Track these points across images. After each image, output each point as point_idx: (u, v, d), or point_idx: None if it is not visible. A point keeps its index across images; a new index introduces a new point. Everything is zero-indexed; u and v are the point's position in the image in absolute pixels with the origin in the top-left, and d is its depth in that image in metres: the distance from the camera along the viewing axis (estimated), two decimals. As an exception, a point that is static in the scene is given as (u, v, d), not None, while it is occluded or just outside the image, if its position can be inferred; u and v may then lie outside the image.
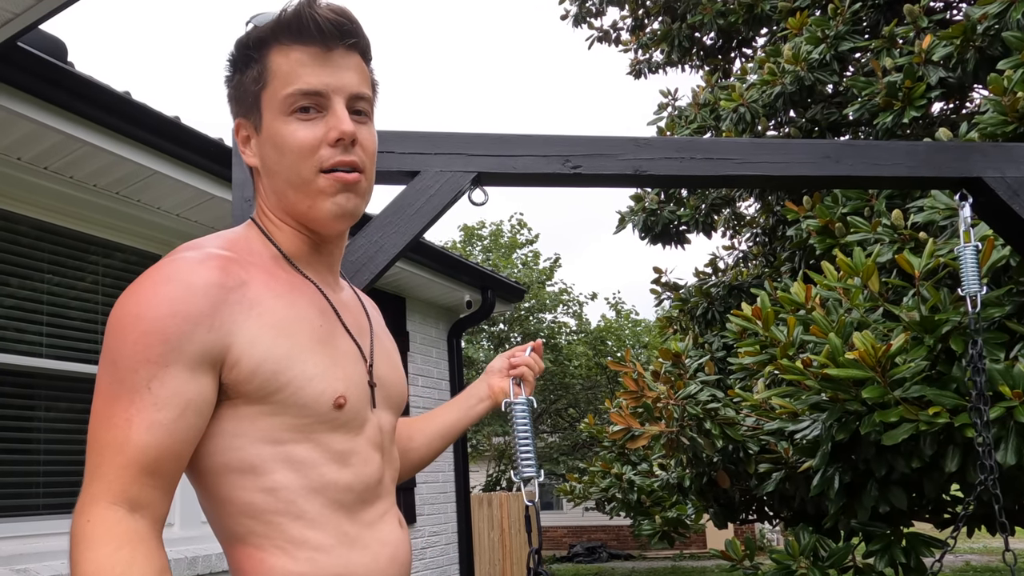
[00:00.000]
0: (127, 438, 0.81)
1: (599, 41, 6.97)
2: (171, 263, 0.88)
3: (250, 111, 0.97)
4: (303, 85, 0.93)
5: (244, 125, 0.99)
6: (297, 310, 0.93)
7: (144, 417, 0.81)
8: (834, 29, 4.17)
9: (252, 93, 0.96)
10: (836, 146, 1.88)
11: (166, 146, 3.19)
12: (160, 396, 0.82)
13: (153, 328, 0.82)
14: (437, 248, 5.56)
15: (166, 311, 0.83)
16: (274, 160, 0.96)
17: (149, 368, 0.82)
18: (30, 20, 2.26)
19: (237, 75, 0.98)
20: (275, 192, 0.98)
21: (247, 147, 1.00)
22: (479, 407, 1.32)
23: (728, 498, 3.94)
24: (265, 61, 0.95)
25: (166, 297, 0.84)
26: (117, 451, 0.80)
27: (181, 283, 0.85)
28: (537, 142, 1.70)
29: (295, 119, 0.93)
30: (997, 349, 2.57)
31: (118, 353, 0.83)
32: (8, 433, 3.06)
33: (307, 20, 0.93)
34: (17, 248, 3.17)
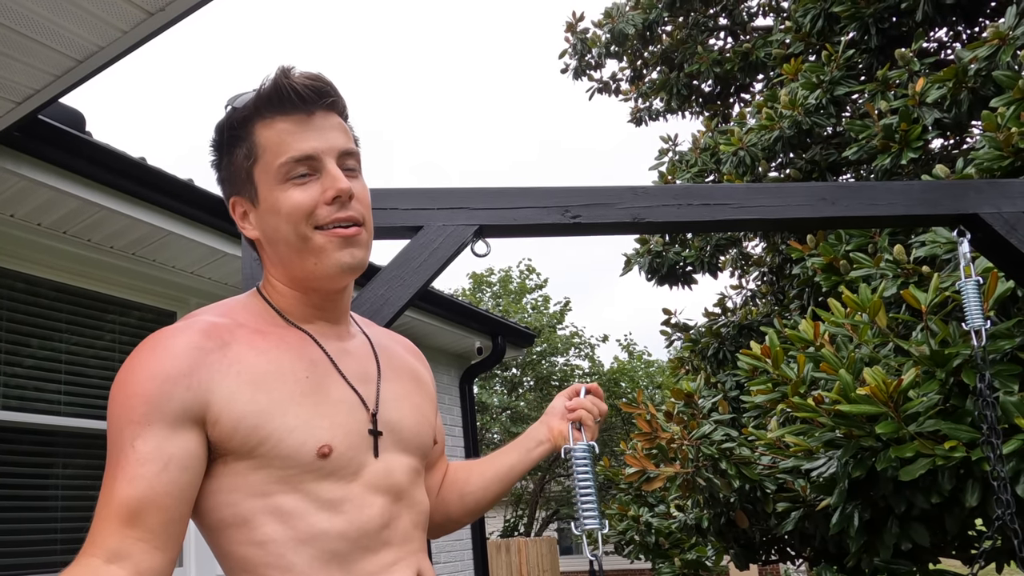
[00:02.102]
0: (112, 493, 0.85)
1: (599, 92, 7.13)
2: (159, 333, 0.95)
3: (244, 187, 1.01)
4: (294, 152, 0.96)
5: (240, 202, 1.03)
6: (279, 365, 0.96)
7: (126, 472, 0.86)
8: (829, 74, 4.27)
9: (244, 169, 0.99)
10: (831, 188, 1.92)
11: (180, 207, 3.28)
12: (141, 452, 0.86)
13: (135, 391, 0.88)
14: (446, 296, 5.62)
15: (146, 374, 0.89)
16: (273, 228, 0.99)
17: (132, 428, 0.87)
18: (50, 95, 2.36)
19: (225, 156, 1.02)
20: (280, 260, 1.01)
21: (246, 222, 1.03)
22: (538, 450, 1.24)
23: (748, 538, 3.89)
24: (252, 137, 0.98)
25: (148, 362, 0.90)
26: (103, 506, 0.86)
27: (161, 348, 0.91)
28: (536, 194, 1.76)
29: (291, 185, 0.96)
30: (1011, 381, 2.56)
31: (110, 420, 0.89)
32: (27, 491, 3.09)
33: (286, 90, 0.96)
34: (37, 309, 3.24)
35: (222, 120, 1.01)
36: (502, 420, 16.72)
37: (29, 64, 2.21)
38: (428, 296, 5.20)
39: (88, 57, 2.23)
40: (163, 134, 58.86)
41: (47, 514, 3.14)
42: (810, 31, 4.86)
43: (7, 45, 2.11)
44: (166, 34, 2.19)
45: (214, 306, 1.02)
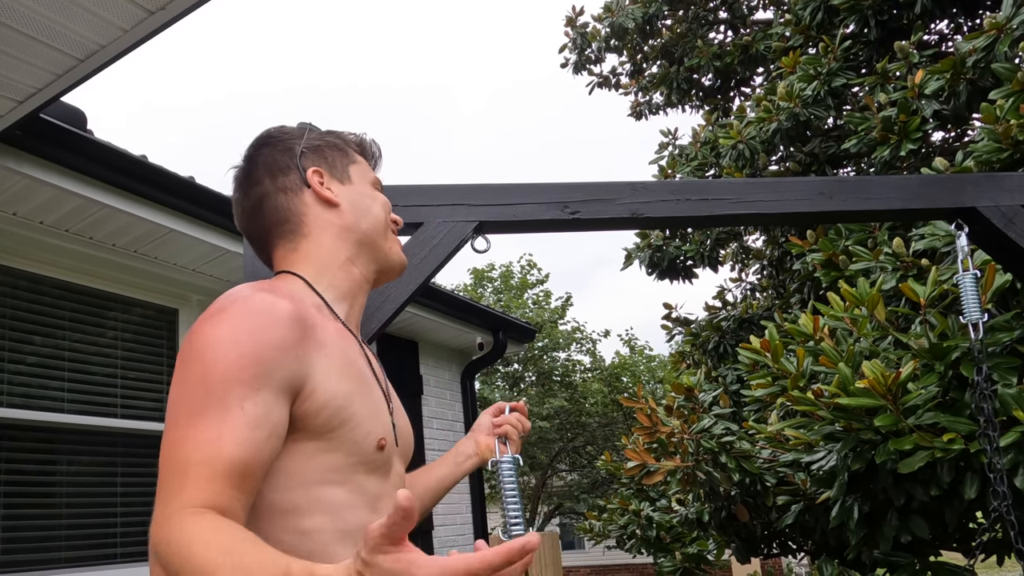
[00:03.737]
0: (217, 453, 0.82)
1: (599, 86, 7.12)
2: (252, 298, 0.93)
3: (332, 168, 1.15)
4: (377, 181, 1.23)
5: (321, 172, 1.14)
6: (349, 356, 1.01)
7: (236, 434, 0.83)
8: (826, 66, 4.27)
9: (341, 160, 1.17)
10: (829, 182, 1.93)
11: (181, 205, 3.30)
12: (252, 415, 0.85)
13: (248, 352, 0.87)
14: (447, 292, 5.63)
15: (260, 338, 0.88)
16: (366, 207, 1.15)
17: (242, 389, 0.85)
18: (52, 94, 2.37)
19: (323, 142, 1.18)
20: (354, 232, 1.13)
21: (322, 187, 1.13)
22: (467, 463, 1.32)
23: (749, 532, 3.90)
24: (350, 151, 1.20)
25: (260, 325, 0.89)
26: (205, 466, 0.81)
27: (270, 315, 0.91)
28: (536, 190, 1.77)
29: (375, 191, 1.19)
30: (1009, 373, 2.57)
31: (209, 373, 0.85)
32: (31, 488, 3.11)
33: (376, 150, 1.26)
34: (40, 307, 3.26)
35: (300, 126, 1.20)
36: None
37: (30, 63, 2.22)
38: (429, 292, 5.21)
39: (89, 56, 2.24)
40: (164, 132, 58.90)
41: (51, 511, 3.16)
42: (809, 24, 4.86)
43: (8, 44, 2.12)
44: (167, 32, 2.20)
45: (271, 284, 1.01)
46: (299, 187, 1.11)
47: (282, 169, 1.12)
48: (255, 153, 1.15)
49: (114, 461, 3.43)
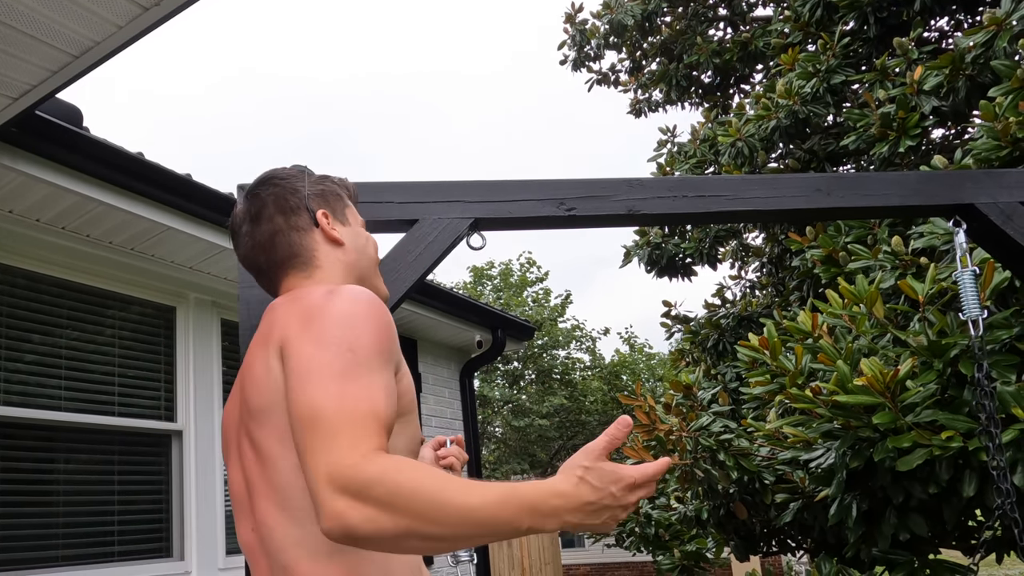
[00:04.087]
0: (379, 407, 0.94)
1: (598, 83, 7.11)
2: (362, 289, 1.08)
3: (333, 210, 1.29)
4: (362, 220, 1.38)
5: (327, 215, 1.28)
6: None
7: (385, 393, 0.97)
8: (825, 63, 4.26)
9: (341, 204, 1.31)
10: (826, 179, 1.92)
11: (178, 202, 3.29)
12: (390, 383, 0.99)
13: (385, 328, 1.02)
14: (445, 290, 5.62)
15: (386, 321, 1.03)
16: (363, 246, 1.30)
17: (382, 358, 0.99)
18: (47, 90, 2.36)
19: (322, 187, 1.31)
20: (358, 268, 1.28)
21: (330, 227, 1.27)
22: None
23: (748, 530, 3.90)
24: (343, 194, 1.34)
25: (381, 311, 1.04)
26: (374, 419, 0.92)
27: (380, 304, 1.06)
28: (532, 187, 1.76)
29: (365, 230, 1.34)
30: (1008, 371, 2.56)
31: (357, 342, 0.98)
32: (28, 485, 3.10)
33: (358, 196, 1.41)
34: (37, 305, 3.25)
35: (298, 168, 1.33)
36: (504, 414, 16.76)
37: (25, 60, 2.21)
38: (427, 289, 5.21)
39: (84, 52, 2.23)
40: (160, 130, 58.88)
41: (48, 509, 3.16)
42: (809, 20, 4.84)
43: (2, 40, 2.11)
44: (161, 29, 2.19)
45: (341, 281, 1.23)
46: (309, 226, 1.24)
47: (293, 209, 1.25)
48: (262, 192, 1.27)
49: (111, 459, 3.42)
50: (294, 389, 0.95)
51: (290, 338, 1.01)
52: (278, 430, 1.01)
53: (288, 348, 1.00)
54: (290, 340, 1.01)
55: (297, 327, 1.01)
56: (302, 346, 0.98)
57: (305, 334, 0.99)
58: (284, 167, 1.33)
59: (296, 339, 1.00)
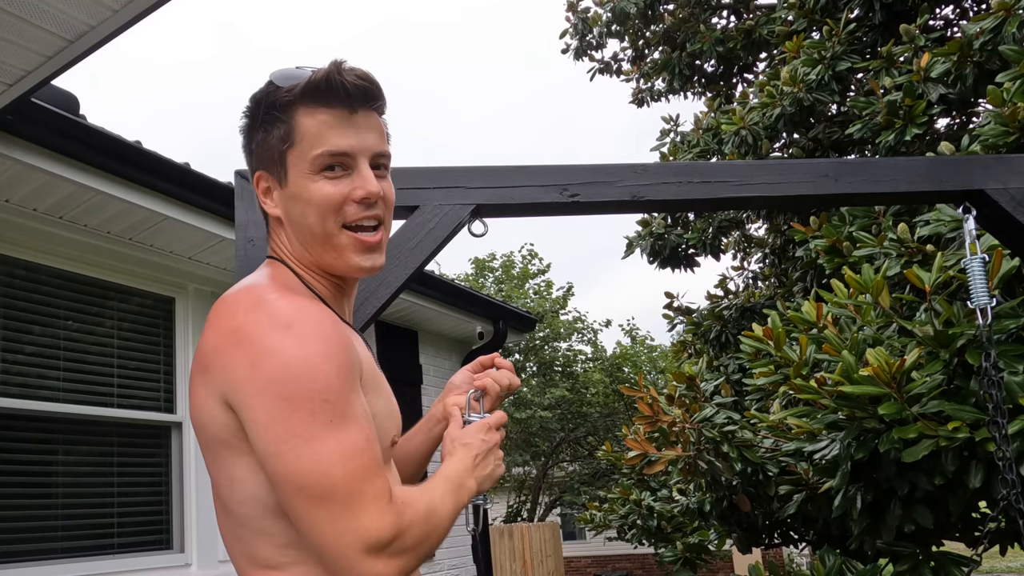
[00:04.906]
0: (374, 446, 0.89)
1: (601, 73, 7.06)
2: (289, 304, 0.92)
3: (273, 166, 1.02)
4: (331, 147, 0.98)
5: (265, 177, 1.04)
6: (362, 350, 1.00)
7: (370, 426, 0.91)
8: (831, 50, 4.21)
9: (278, 150, 1.00)
10: (834, 164, 1.88)
11: (177, 192, 3.26)
12: (368, 415, 0.92)
13: (342, 362, 0.90)
14: (447, 281, 5.59)
15: (339, 345, 0.90)
16: (301, 213, 1.00)
17: (353, 396, 0.90)
18: (42, 76, 2.33)
19: (260, 132, 1.02)
20: (301, 243, 1.03)
21: (268, 198, 1.04)
22: (438, 428, 1.23)
23: (751, 522, 3.88)
24: (292, 122, 0.99)
25: (331, 333, 0.91)
26: (376, 462, 0.88)
27: (317, 321, 0.91)
28: (534, 172, 1.73)
29: (322, 177, 0.98)
30: (1015, 361, 2.53)
31: (328, 388, 0.87)
32: (27, 477, 3.09)
33: (336, 86, 0.98)
34: (36, 296, 3.23)
35: (260, 94, 1.02)
36: (505, 406, 16.72)
37: (19, 44, 2.17)
38: (428, 280, 5.18)
39: (79, 37, 2.20)
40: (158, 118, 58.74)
41: (47, 501, 3.14)
42: (813, 7, 4.79)
43: (-5, 25, 2.08)
44: (157, 15, 2.15)
45: (265, 280, 0.99)
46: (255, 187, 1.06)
47: (248, 170, 1.07)
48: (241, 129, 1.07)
49: (111, 451, 3.40)
50: (278, 456, 0.85)
51: (242, 393, 0.87)
52: (212, 453, 0.95)
53: (246, 404, 0.87)
54: (245, 396, 0.87)
55: (245, 375, 0.87)
56: (267, 406, 0.86)
57: (264, 389, 0.86)
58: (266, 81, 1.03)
59: (254, 396, 0.86)
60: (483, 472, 1.06)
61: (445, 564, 5.61)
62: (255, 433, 0.88)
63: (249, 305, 0.92)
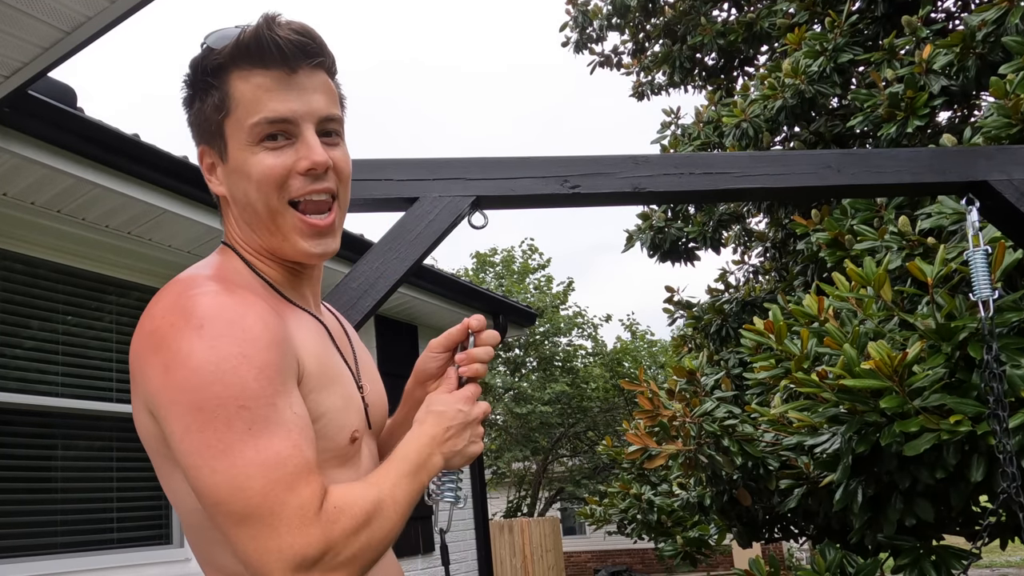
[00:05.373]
0: (302, 449, 0.80)
1: (601, 66, 7.03)
2: (210, 301, 0.83)
3: (213, 139, 0.93)
4: (269, 113, 0.88)
5: (208, 152, 0.95)
6: (311, 341, 0.91)
7: (300, 427, 0.81)
8: (832, 42, 4.19)
9: (214, 121, 0.91)
10: (837, 156, 1.87)
11: (175, 185, 3.24)
12: (298, 406, 0.83)
13: (264, 362, 0.80)
14: (447, 275, 5.58)
15: (263, 344, 0.81)
16: (243, 191, 0.92)
17: (279, 398, 0.80)
18: (38, 68, 2.31)
19: (197, 101, 0.94)
20: (247, 224, 0.95)
21: (213, 175, 0.96)
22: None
23: (751, 516, 3.87)
24: (225, 88, 0.90)
25: (253, 331, 0.81)
26: (304, 467, 0.79)
27: (252, 314, 0.83)
28: (535, 164, 1.71)
29: (262, 148, 0.89)
30: (1017, 354, 2.52)
31: (244, 392, 0.78)
32: (27, 472, 3.08)
33: (267, 43, 0.88)
34: (34, 290, 3.22)
35: (196, 58, 0.93)
36: (505, 401, 16.76)
37: (14, 35, 2.15)
38: (428, 275, 5.17)
39: (76, 28, 2.18)
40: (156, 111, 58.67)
41: (46, 495, 3.13)
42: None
43: (-10, 16, 2.06)
44: (155, 6, 2.13)
45: (206, 270, 0.91)
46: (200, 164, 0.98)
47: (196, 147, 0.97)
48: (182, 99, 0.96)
49: (110, 445, 3.40)
50: (194, 469, 0.78)
51: (158, 402, 0.81)
52: (154, 464, 0.90)
53: (162, 414, 0.81)
54: (159, 406, 0.81)
55: (159, 384, 0.80)
56: (181, 416, 0.78)
57: (177, 398, 0.79)
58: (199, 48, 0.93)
59: (168, 406, 0.79)
60: (454, 447, 0.94)
61: (445, 558, 5.61)
62: (172, 445, 0.81)
63: (168, 304, 0.84)
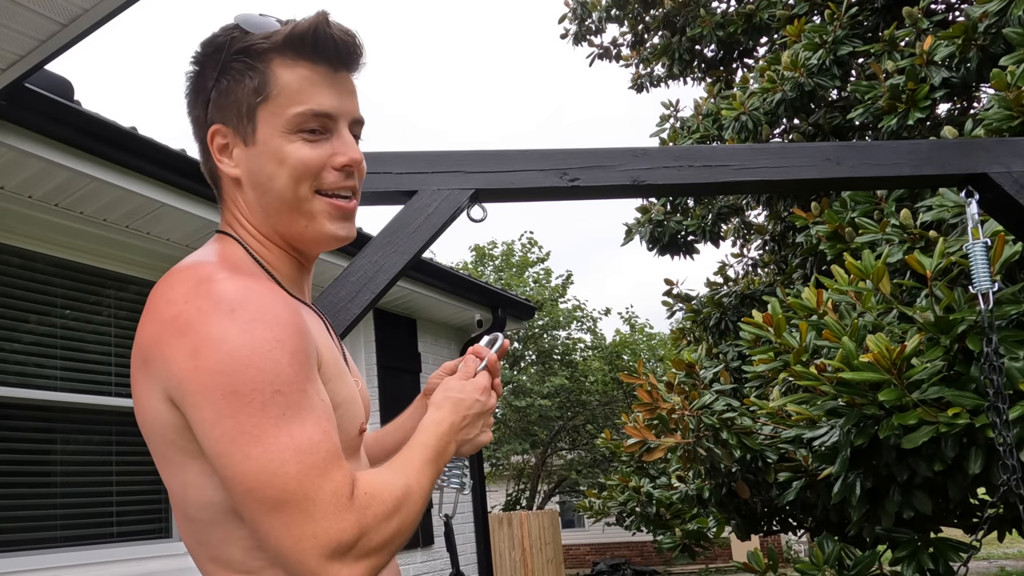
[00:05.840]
0: (331, 436, 0.81)
1: (600, 58, 7.01)
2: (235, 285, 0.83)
3: (239, 120, 0.92)
4: (315, 106, 0.90)
5: (224, 132, 0.93)
6: (319, 333, 0.92)
7: (328, 415, 0.83)
8: (832, 34, 4.18)
9: (247, 103, 0.91)
10: (837, 148, 1.86)
11: (173, 178, 3.23)
12: (324, 394, 0.84)
13: (296, 348, 0.81)
14: (446, 268, 5.58)
15: (294, 329, 0.82)
16: (269, 175, 0.91)
17: (308, 385, 0.82)
18: (35, 61, 2.30)
19: (222, 79, 0.91)
20: (263, 208, 0.94)
21: (225, 155, 0.94)
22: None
23: (749, 509, 3.88)
24: (269, 73, 0.90)
25: (283, 316, 0.82)
26: (335, 454, 0.81)
27: (279, 300, 0.83)
28: (534, 157, 1.71)
29: (299, 138, 0.90)
30: (1016, 347, 2.52)
31: (279, 377, 0.79)
32: (26, 466, 3.08)
33: (325, 39, 0.90)
34: (32, 284, 3.21)
35: (222, 38, 0.92)
36: (504, 394, 16.80)
37: (11, 28, 2.14)
38: (427, 268, 5.16)
39: (73, 20, 2.16)
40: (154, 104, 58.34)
41: (46, 490, 3.13)
42: (814, -8, 4.75)
43: (-14, 8, 2.05)
44: None
45: (214, 259, 0.90)
46: (206, 147, 0.94)
47: (197, 120, 0.95)
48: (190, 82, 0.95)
49: (109, 439, 3.40)
50: (226, 456, 0.78)
51: (185, 387, 0.79)
52: (161, 456, 0.88)
53: (190, 400, 0.80)
54: (188, 392, 0.79)
55: (187, 368, 0.79)
56: (214, 402, 0.78)
57: (209, 383, 0.78)
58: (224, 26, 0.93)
59: (198, 391, 0.78)
60: (468, 435, 0.98)
61: (444, 552, 5.62)
62: (201, 431, 0.79)
63: (189, 288, 0.82)
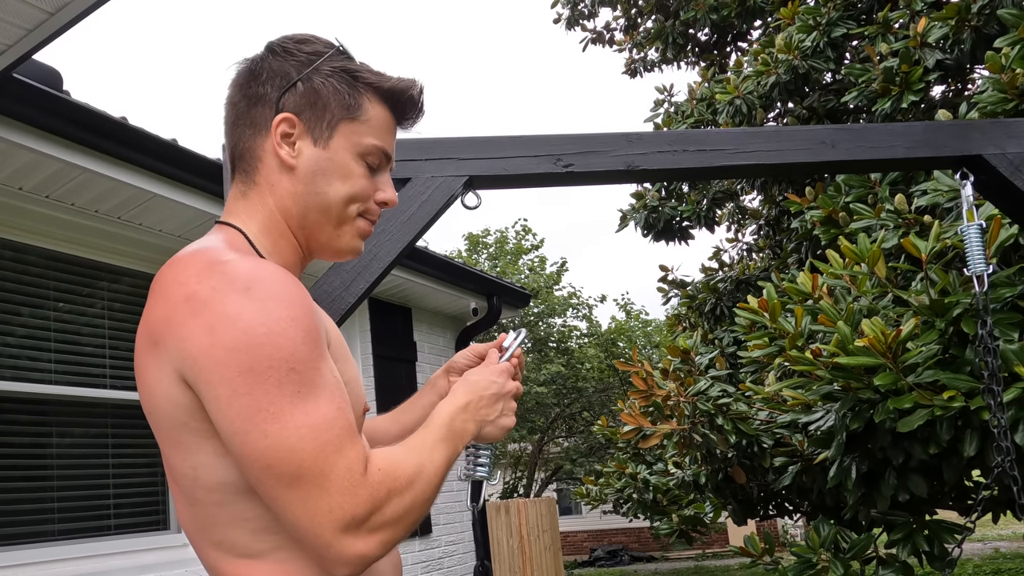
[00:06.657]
0: (346, 412, 0.84)
1: (593, 43, 6.97)
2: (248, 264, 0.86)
3: (318, 120, 0.98)
4: (386, 146, 1.02)
5: (294, 123, 0.97)
6: (324, 316, 0.97)
7: (341, 391, 0.86)
8: (826, 16, 4.16)
9: (336, 113, 0.98)
10: (831, 131, 1.86)
11: (164, 169, 3.21)
12: (339, 380, 0.87)
13: (310, 326, 0.84)
14: (440, 257, 5.56)
15: (306, 308, 0.85)
16: (326, 180, 0.98)
17: (322, 363, 0.85)
18: (23, 50, 2.28)
19: (321, 81, 0.98)
20: (306, 204, 0.99)
21: (287, 143, 0.98)
22: None
23: (746, 494, 3.90)
24: (362, 100, 1.00)
25: (295, 297, 0.85)
26: (349, 430, 0.84)
27: (281, 281, 0.85)
28: (528, 143, 1.70)
29: (363, 165, 1.00)
30: (1011, 329, 2.53)
31: (294, 355, 0.82)
32: (21, 460, 3.07)
33: (414, 104, 1.04)
34: (25, 277, 3.19)
35: (321, 47, 1.00)
36: (501, 382, 16.77)
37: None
38: (421, 256, 5.15)
39: (60, 8, 2.14)
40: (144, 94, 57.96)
41: (42, 483, 3.13)
42: (809, -26, 4.72)
43: (-30, -3, 2.02)
44: None
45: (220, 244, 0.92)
46: (265, 126, 0.97)
47: (261, 98, 0.98)
48: (261, 62, 1.00)
49: (105, 432, 3.39)
50: (243, 434, 0.80)
51: (200, 366, 0.81)
52: (171, 440, 0.88)
53: (204, 378, 0.81)
54: (203, 370, 0.81)
55: (202, 346, 0.81)
56: (229, 379, 0.79)
57: (224, 360, 0.80)
58: (316, 39, 1.02)
59: (214, 369, 0.80)
60: (487, 416, 1.00)
61: (442, 540, 5.65)
62: (216, 409, 0.81)
63: (201, 270, 0.84)
